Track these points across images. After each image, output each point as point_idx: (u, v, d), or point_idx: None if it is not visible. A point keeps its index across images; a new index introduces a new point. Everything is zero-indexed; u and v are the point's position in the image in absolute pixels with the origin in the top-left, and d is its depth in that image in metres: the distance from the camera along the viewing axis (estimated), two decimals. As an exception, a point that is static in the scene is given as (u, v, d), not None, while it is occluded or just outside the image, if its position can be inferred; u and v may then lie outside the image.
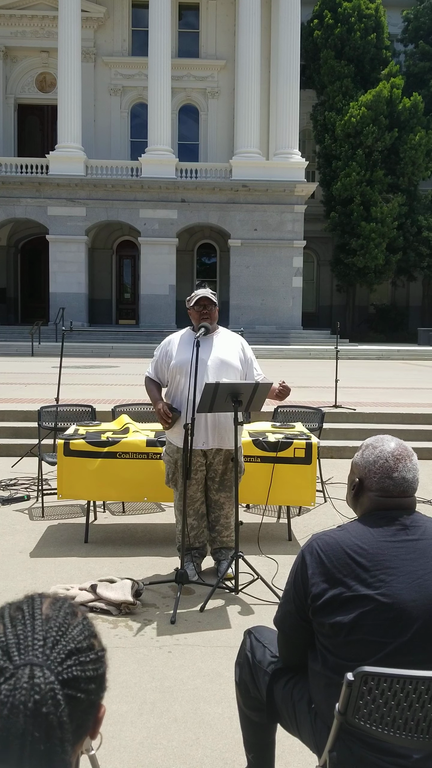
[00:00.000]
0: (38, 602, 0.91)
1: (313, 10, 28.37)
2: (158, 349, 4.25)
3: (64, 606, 0.91)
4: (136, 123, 28.65)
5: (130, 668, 3.12)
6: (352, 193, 26.43)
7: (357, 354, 22.15)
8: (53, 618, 0.88)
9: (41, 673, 0.82)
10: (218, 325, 4.24)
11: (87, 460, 4.67)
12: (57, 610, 0.90)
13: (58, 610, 0.90)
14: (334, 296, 31.38)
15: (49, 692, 0.81)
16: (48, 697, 0.81)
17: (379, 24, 27.52)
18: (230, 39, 28.26)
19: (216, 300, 4.10)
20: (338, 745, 1.68)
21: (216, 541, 4.30)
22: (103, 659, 0.90)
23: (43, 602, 0.91)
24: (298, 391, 10.91)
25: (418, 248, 27.96)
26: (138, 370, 15.69)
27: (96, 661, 0.88)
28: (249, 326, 24.36)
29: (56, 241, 25.37)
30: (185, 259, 28.63)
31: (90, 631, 0.90)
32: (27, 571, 4.26)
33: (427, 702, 1.57)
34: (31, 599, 0.92)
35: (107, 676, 0.91)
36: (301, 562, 1.83)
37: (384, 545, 1.77)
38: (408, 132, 26.78)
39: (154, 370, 4.25)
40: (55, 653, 0.84)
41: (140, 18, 27.77)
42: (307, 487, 4.75)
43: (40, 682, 0.81)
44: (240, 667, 2.13)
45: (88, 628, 0.90)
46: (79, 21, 25.13)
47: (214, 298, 4.08)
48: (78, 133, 25.38)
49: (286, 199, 25.69)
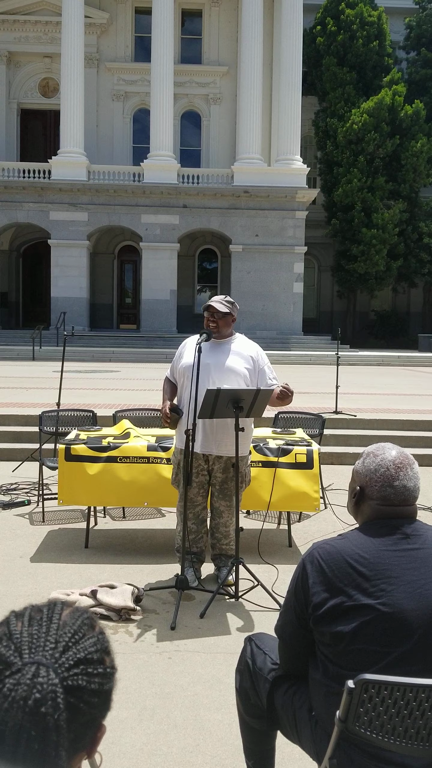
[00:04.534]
0: (59, 608, 0.92)
1: (316, 17, 28.50)
2: (177, 350, 4.31)
3: (83, 616, 0.92)
4: (139, 128, 28.74)
5: (130, 674, 3.12)
6: (354, 200, 26.49)
7: (358, 360, 22.17)
8: (70, 625, 0.90)
9: (46, 673, 0.83)
10: (236, 332, 4.25)
11: (88, 464, 4.67)
12: (75, 619, 0.91)
13: (77, 618, 0.91)
14: (334, 302, 31.42)
15: (50, 693, 0.82)
16: (49, 697, 0.81)
17: (381, 31, 27.63)
18: (233, 45, 28.37)
19: (227, 308, 4.07)
20: (338, 753, 1.68)
21: (216, 548, 4.30)
22: (111, 677, 0.90)
23: (64, 609, 0.93)
24: (299, 397, 10.92)
25: (419, 255, 28.00)
26: (139, 375, 15.70)
27: (104, 676, 0.89)
28: (250, 332, 24.36)
29: (58, 245, 25.42)
30: (186, 265, 28.68)
31: (103, 646, 0.91)
32: (27, 576, 4.26)
33: (427, 710, 1.58)
34: (54, 604, 0.93)
35: (113, 695, 0.91)
36: (302, 571, 1.83)
37: (385, 554, 1.77)
38: (409, 139, 26.86)
39: (170, 371, 4.32)
40: (64, 658, 0.85)
41: (143, 24, 27.89)
42: (310, 493, 4.74)
43: (43, 681, 0.82)
44: (240, 674, 2.13)
45: (102, 642, 0.91)
46: (82, 27, 25.24)
47: (221, 307, 4.06)
48: (80, 138, 25.46)
49: (288, 205, 25.76)
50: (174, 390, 4.25)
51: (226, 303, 4.10)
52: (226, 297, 4.16)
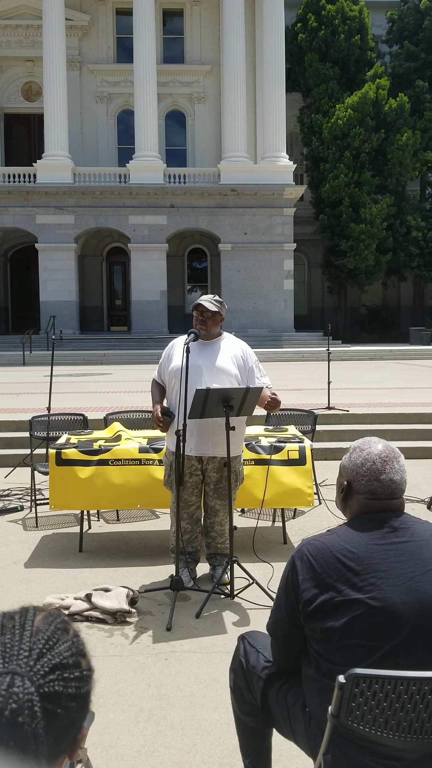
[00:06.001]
0: (32, 614, 0.91)
1: (297, 13, 28.50)
2: (164, 352, 4.28)
3: (56, 621, 0.91)
4: (123, 130, 28.69)
5: (126, 676, 3.12)
6: (341, 195, 26.52)
7: (350, 355, 22.20)
8: (43, 630, 0.88)
9: (21, 682, 0.82)
10: (223, 331, 4.24)
11: (79, 468, 4.66)
12: (48, 624, 0.90)
13: (50, 624, 0.90)
14: (325, 298, 31.47)
15: (26, 702, 0.81)
16: (25, 707, 0.80)
17: (363, 25, 27.66)
18: (215, 44, 28.35)
19: (216, 307, 4.06)
20: (332, 748, 1.68)
21: (210, 547, 4.30)
22: (88, 679, 0.90)
23: (36, 615, 0.91)
24: (292, 394, 10.93)
25: (407, 248, 28.07)
26: (130, 377, 15.67)
27: (80, 680, 0.88)
28: (242, 330, 24.38)
29: (45, 249, 25.35)
30: (176, 265, 28.65)
31: (79, 649, 0.90)
32: (21, 581, 4.25)
33: (419, 703, 1.58)
34: (26, 610, 0.92)
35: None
36: (292, 568, 1.83)
37: (374, 548, 1.77)
38: (395, 133, 26.91)
39: (158, 373, 4.30)
40: (39, 665, 0.84)
41: (124, 25, 27.83)
42: (303, 489, 4.74)
43: (18, 692, 0.81)
44: (234, 673, 2.13)
45: (77, 645, 0.90)
46: (64, 29, 25.17)
47: (210, 306, 4.04)
48: (65, 141, 25.40)
49: (275, 202, 25.77)
50: (163, 392, 4.23)
51: (215, 302, 4.09)
52: (215, 296, 4.15)
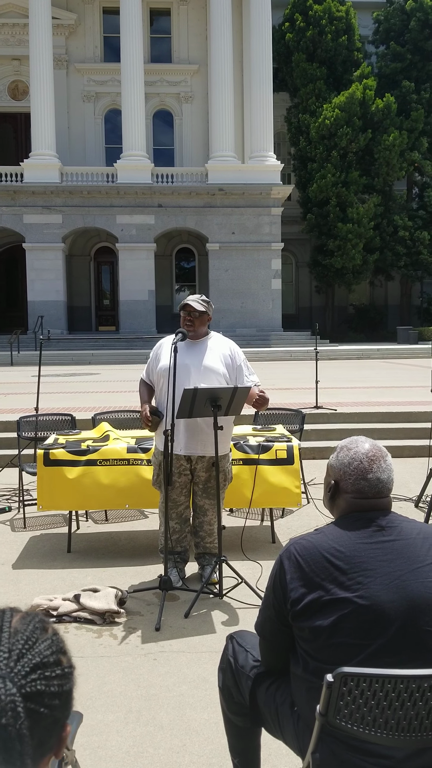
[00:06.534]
0: (8, 615, 0.91)
1: (284, 13, 28.55)
2: (152, 352, 4.28)
3: (34, 621, 0.91)
4: (110, 129, 28.62)
5: (115, 677, 3.11)
6: (328, 195, 26.59)
7: (337, 354, 22.26)
8: (21, 631, 0.88)
9: (3, 684, 0.82)
10: (210, 330, 4.24)
11: (67, 469, 4.64)
12: (26, 624, 0.90)
13: (27, 624, 0.90)
14: (313, 297, 31.54)
15: (9, 704, 0.81)
16: (8, 708, 0.80)
17: (350, 26, 27.75)
18: (202, 43, 28.33)
19: (203, 307, 4.05)
20: (321, 747, 1.68)
21: (199, 546, 4.30)
22: (70, 676, 0.90)
23: (14, 616, 0.91)
24: (280, 393, 10.94)
25: (394, 248, 28.18)
26: (119, 377, 15.64)
27: (62, 677, 0.88)
28: (230, 329, 24.39)
29: (33, 249, 25.25)
30: (164, 264, 28.62)
31: (58, 647, 0.90)
32: (10, 582, 4.23)
33: (406, 701, 1.59)
34: (2, 612, 0.91)
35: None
36: (280, 567, 1.83)
37: (361, 547, 1.78)
38: (382, 133, 27.01)
39: (146, 373, 4.29)
40: (19, 666, 0.84)
41: (111, 24, 27.76)
42: (291, 488, 4.75)
43: (0, 694, 0.81)
44: (223, 673, 2.13)
45: (56, 644, 0.90)
46: (50, 28, 25.06)
47: (198, 306, 4.04)
48: (52, 141, 25.30)
49: (263, 201, 25.79)
50: (151, 392, 4.23)
51: (203, 302, 4.10)
52: (202, 296, 4.15)
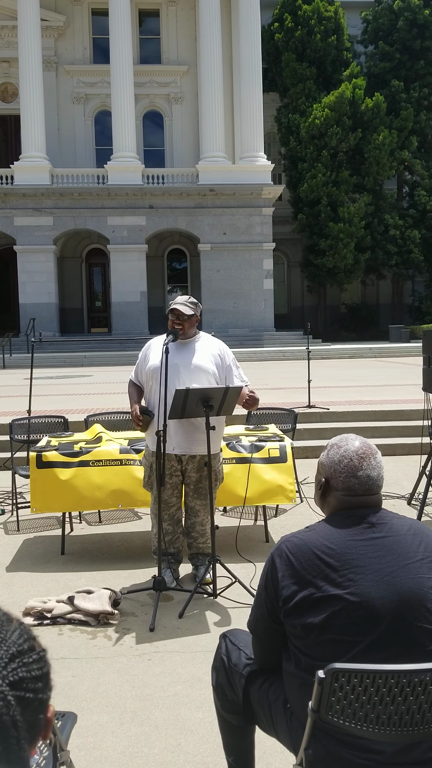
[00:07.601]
0: None
1: (273, 13, 28.59)
2: (141, 353, 4.28)
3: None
4: (101, 130, 28.60)
5: (109, 678, 3.11)
6: (319, 194, 26.65)
7: (330, 353, 22.31)
8: None
9: None
10: (200, 330, 4.25)
11: (60, 470, 4.64)
12: None
13: None
14: (305, 297, 31.60)
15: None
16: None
17: (338, 26, 27.82)
18: (192, 44, 28.35)
19: (191, 310, 4.06)
20: (313, 743, 1.69)
21: (192, 547, 4.30)
22: (45, 658, 0.93)
23: None
24: (273, 393, 10.96)
25: (385, 247, 28.26)
26: (111, 379, 15.63)
27: (39, 661, 0.91)
28: (222, 330, 24.41)
29: (24, 251, 25.20)
30: (156, 265, 28.61)
31: (29, 634, 0.93)
32: (3, 585, 4.23)
33: (397, 695, 1.60)
34: None
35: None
36: (271, 565, 1.85)
37: (351, 544, 1.79)
38: (371, 132, 27.09)
39: (135, 374, 4.29)
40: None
41: (100, 25, 27.74)
42: (285, 485, 4.76)
43: None
44: (216, 671, 2.14)
45: (26, 631, 0.93)
46: (39, 30, 25.02)
47: (186, 309, 4.04)
48: (42, 143, 25.26)
49: (254, 202, 25.82)
50: (140, 393, 4.23)
51: (190, 304, 4.10)
52: (189, 298, 4.15)
